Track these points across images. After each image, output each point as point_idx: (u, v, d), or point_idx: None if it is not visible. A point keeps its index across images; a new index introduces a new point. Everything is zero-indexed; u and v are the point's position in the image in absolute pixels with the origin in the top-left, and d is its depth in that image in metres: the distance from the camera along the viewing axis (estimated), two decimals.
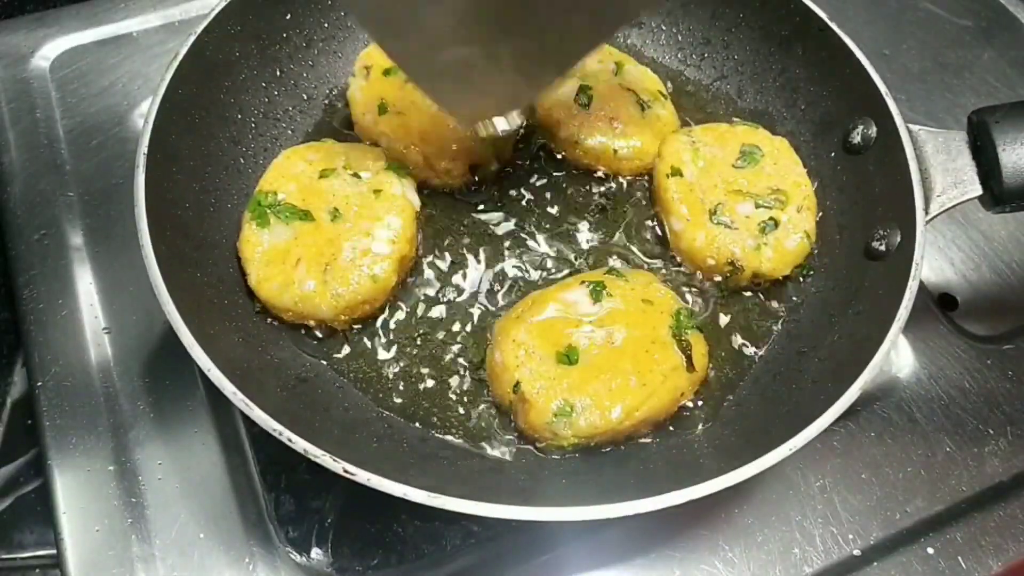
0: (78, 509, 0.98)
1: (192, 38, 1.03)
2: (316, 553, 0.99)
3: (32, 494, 1.12)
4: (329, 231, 1.04)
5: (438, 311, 1.08)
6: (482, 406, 1.01)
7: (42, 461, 1.02)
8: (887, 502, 1.06)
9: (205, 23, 1.05)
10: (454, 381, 1.03)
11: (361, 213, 1.05)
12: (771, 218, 1.09)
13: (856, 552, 1.03)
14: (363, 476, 0.79)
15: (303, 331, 1.04)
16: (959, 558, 1.02)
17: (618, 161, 1.18)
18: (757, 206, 1.10)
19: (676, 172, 1.12)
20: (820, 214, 1.12)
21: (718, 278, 1.11)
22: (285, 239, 1.03)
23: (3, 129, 1.25)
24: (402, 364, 1.04)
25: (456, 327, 1.06)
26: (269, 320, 1.03)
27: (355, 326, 1.05)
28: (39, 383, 1.06)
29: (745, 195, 1.11)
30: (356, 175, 1.09)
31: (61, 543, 0.96)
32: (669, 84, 1.27)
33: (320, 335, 1.04)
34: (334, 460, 0.79)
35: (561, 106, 1.19)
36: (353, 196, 1.07)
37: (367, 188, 1.08)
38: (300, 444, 0.80)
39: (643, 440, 0.98)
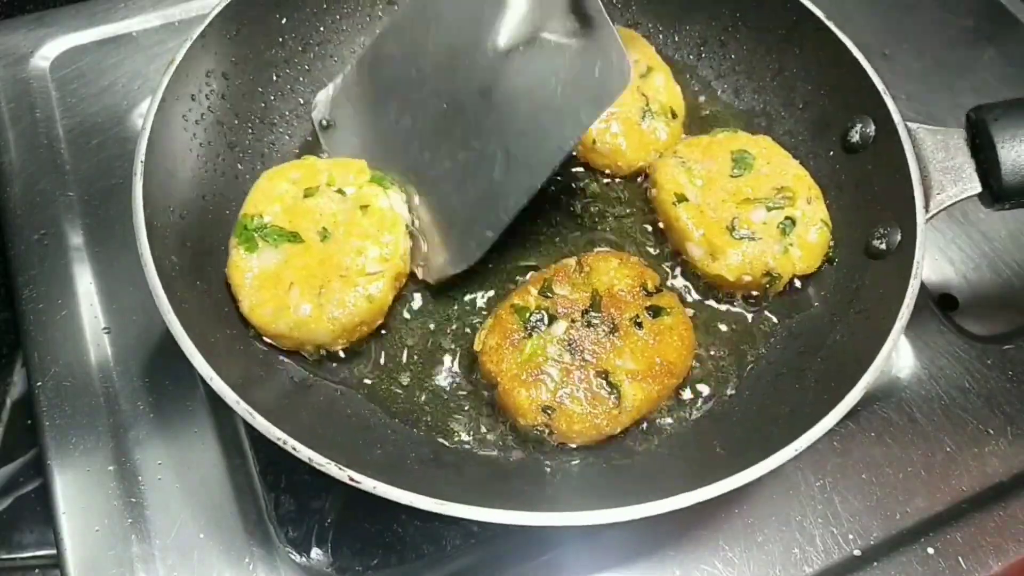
0: (78, 509, 0.98)
1: (188, 43, 1.03)
2: (316, 553, 0.99)
3: (32, 494, 1.12)
4: (320, 252, 1.01)
5: (439, 312, 1.08)
6: (485, 411, 1.01)
7: (42, 461, 1.02)
8: (887, 502, 1.06)
9: (200, 28, 1.04)
10: (457, 386, 1.03)
11: (350, 231, 1.03)
12: (787, 217, 1.08)
13: (856, 552, 1.03)
14: (369, 484, 0.78)
15: None
16: (959, 558, 1.02)
17: (592, 151, 1.18)
18: (769, 209, 1.09)
19: (681, 198, 1.11)
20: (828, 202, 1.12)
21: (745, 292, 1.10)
22: (275, 262, 1.00)
23: (3, 129, 1.25)
24: (404, 370, 1.03)
25: (457, 328, 1.06)
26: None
27: None
28: (39, 383, 1.06)
29: (754, 202, 1.10)
30: (340, 191, 1.06)
31: (61, 543, 0.96)
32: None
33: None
34: (339, 468, 0.79)
35: None
36: (340, 214, 1.04)
37: (352, 204, 1.05)
38: (304, 452, 0.80)
39: (645, 442, 0.98)
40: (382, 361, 1.04)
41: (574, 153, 1.20)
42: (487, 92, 1.03)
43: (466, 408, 1.01)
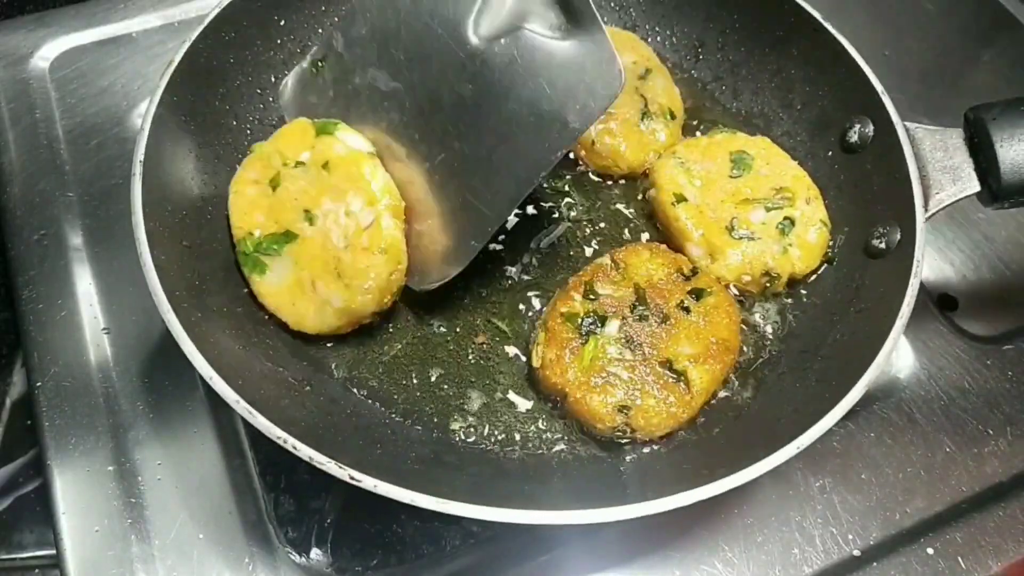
0: (78, 509, 0.98)
1: (186, 45, 1.03)
2: (316, 553, 0.99)
3: (32, 494, 1.13)
4: (316, 236, 0.98)
5: (439, 316, 1.07)
6: (484, 412, 1.01)
7: (42, 461, 1.02)
8: (887, 502, 1.06)
9: (199, 30, 1.04)
10: (457, 386, 1.03)
11: (327, 197, 0.98)
12: (786, 217, 1.08)
13: (856, 552, 1.03)
14: (369, 483, 0.78)
15: (305, 338, 1.03)
16: (959, 558, 1.02)
17: (591, 152, 1.18)
18: (768, 210, 1.09)
19: (680, 199, 1.11)
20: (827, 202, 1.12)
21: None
22: (289, 269, 0.99)
23: (3, 129, 1.25)
24: (404, 368, 1.03)
25: (458, 330, 1.06)
26: (271, 326, 1.02)
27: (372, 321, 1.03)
28: (39, 383, 1.06)
29: (753, 202, 1.10)
30: (299, 163, 1.01)
31: (61, 543, 0.96)
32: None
33: (326, 343, 1.03)
34: (339, 467, 0.79)
35: None
36: (309, 186, 0.99)
37: (314, 169, 1.00)
38: (305, 451, 0.80)
39: (647, 442, 0.98)
40: (384, 361, 1.03)
41: (571, 155, 1.21)
42: (466, 90, 0.96)
43: (467, 409, 1.01)
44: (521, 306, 1.08)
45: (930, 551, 1.03)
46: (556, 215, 1.16)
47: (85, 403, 1.05)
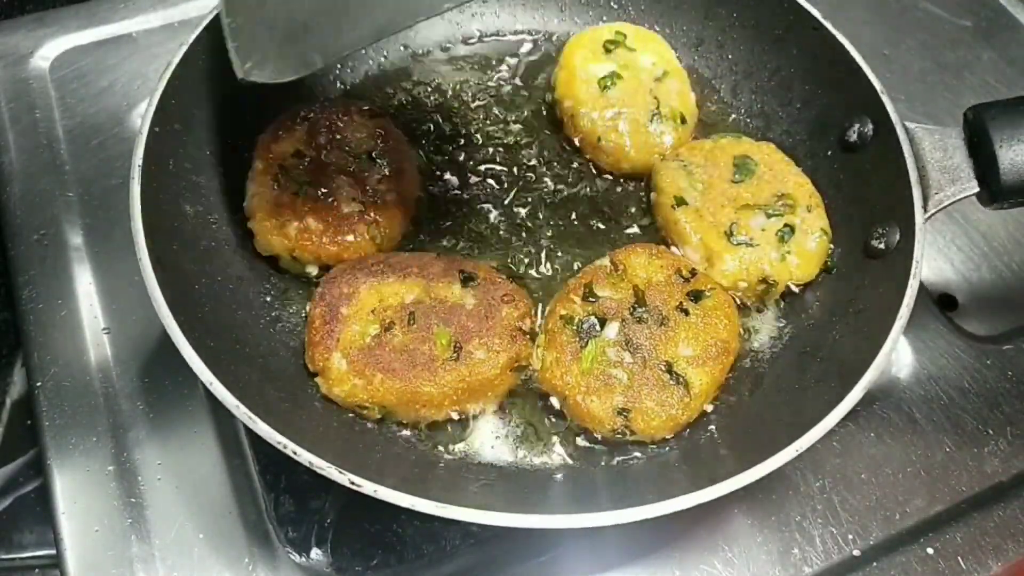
0: (78, 509, 0.99)
1: (184, 47, 1.03)
2: (316, 553, 0.99)
3: (32, 494, 1.13)
4: None
5: None
6: (482, 415, 1.01)
7: (42, 461, 1.02)
8: (887, 502, 1.06)
9: (197, 31, 1.04)
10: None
11: None
12: (786, 225, 1.08)
13: (856, 552, 1.02)
14: (369, 488, 0.79)
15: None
16: (959, 558, 1.02)
17: (597, 149, 1.18)
18: (768, 216, 1.09)
19: (680, 201, 1.10)
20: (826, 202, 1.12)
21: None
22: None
23: (3, 129, 1.25)
24: None
25: None
26: (273, 329, 1.02)
27: None
28: (39, 383, 1.06)
29: (753, 208, 1.09)
30: None
31: (61, 543, 0.97)
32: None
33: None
34: (340, 472, 0.79)
35: (585, 80, 1.19)
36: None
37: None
38: (305, 457, 0.80)
39: (645, 444, 0.98)
40: None
41: (577, 144, 1.21)
42: None
43: (466, 411, 1.01)
44: None
45: (930, 551, 1.03)
46: (557, 213, 1.17)
47: (85, 403, 1.05)
